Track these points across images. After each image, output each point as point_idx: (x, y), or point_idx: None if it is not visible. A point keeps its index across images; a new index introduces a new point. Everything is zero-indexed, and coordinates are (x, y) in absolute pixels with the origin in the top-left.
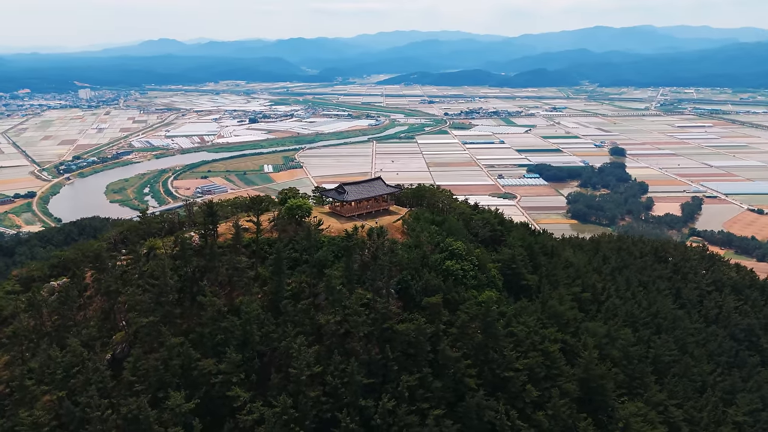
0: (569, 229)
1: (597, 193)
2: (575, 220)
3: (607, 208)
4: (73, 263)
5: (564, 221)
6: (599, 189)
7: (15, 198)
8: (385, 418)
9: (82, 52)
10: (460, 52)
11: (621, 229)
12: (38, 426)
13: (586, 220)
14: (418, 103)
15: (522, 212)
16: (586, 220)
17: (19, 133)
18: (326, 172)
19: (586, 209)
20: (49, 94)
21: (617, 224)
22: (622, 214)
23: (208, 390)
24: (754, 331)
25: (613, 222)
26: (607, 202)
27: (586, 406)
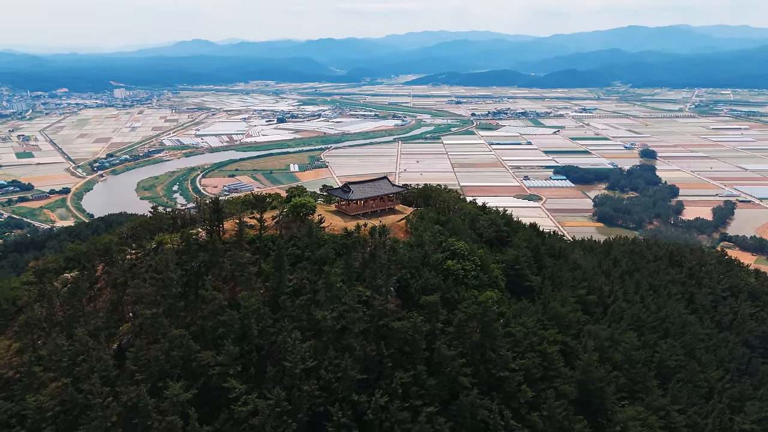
0: (595, 232)
1: (625, 196)
2: (601, 223)
3: (635, 212)
4: (84, 256)
5: (589, 224)
6: (627, 192)
7: (50, 194)
8: (378, 414)
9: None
10: (490, 52)
11: (648, 232)
12: (42, 410)
13: (612, 224)
14: (446, 103)
15: (547, 214)
16: (613, 223)
17: (57, 131)
18: (351, 171)
19: (613, 212)
20: (86, 94)
21: (645, 228)
22: (650, 217)
23: (206, 381)
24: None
25: (640, 225)
26: (634, 205)
27: (585, 408)
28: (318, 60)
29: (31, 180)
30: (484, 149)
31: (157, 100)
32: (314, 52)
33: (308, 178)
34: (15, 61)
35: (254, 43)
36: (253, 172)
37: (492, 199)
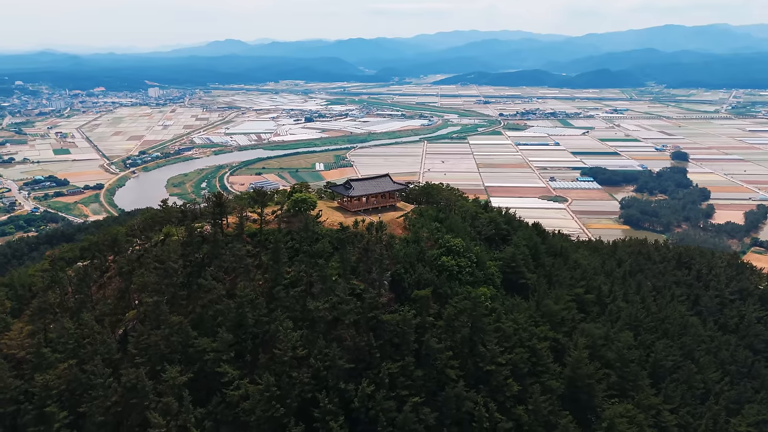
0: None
1: (653, 199)
2: (627, 226)
3: (663, 215)
4: (96, 246)
5: (615, 226)
6: (656, 194)
7: (85, 189)
8: (364, 402)
9: (154, 53)
10: (520, 52)
11: (676, 236)
12: (48, 388)
13: (639, 226)
14: (474, 103)
15: (571, 216)
16: (639, 226)
17: (93, 129)
18: (375, 171)
19: (640, 215)
20: (122, 93)
21: (672, 231)
22: (679, 220)
23: (202, 366)
24: None
25: (668, 229)
26: (663, 208)
27: (574, 404)
28: (347, 60)
29: (67, 176)
30: (510, 150)
31: (189, 99)
32: (344, 52)
33: (333, 177)
34: (55, 60)
35: (285, 43)
36: (279, 171)
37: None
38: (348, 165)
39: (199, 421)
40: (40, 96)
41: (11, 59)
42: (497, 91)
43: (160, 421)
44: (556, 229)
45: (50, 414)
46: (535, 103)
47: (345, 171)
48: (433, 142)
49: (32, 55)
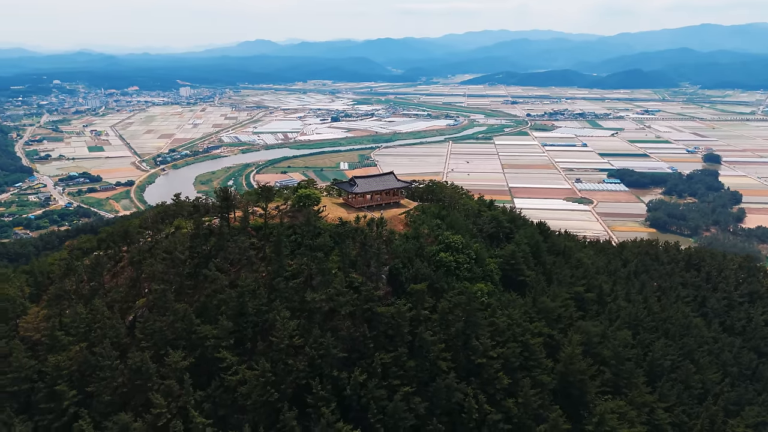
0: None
1: (682, 202)
2: (654, 229)
3: (691, 218)
4: (110, 237)
5: (641, 229)
6: (685, 197)
7: (116, 186)
8: (356, 390)
9: (187, 53)
10: (551, 52)
11: (704, 240)
12: (59, 369)
13: (665, 230)
14: (501, 103)
15: (596, 218)
16: (666, 229)
17: (126, 127)
18: (399, 171)
19: (667, 218)
20: (154, 92)
21: (700, 235)
22: (708, 224)
23: (203, 352)
24: None
25: (695, 232)
26: (691, 211)
27: (566, 400)
28: (375, 60)
29: (100, 172)
30: (536, 150)
31: (219, 99)
32: (372, 52)
33: None
34: (92, 60)
35: (314, 43)
36: (304, 169)
37: (540, 202)
38: (372, 164)
39: (199, 403)
40: (77, 95)
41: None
42: (525, 92)
43: (162, 402)
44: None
45: (60, 392)
46: (563, 104)
47: (369, 170)
48: (458, 142)
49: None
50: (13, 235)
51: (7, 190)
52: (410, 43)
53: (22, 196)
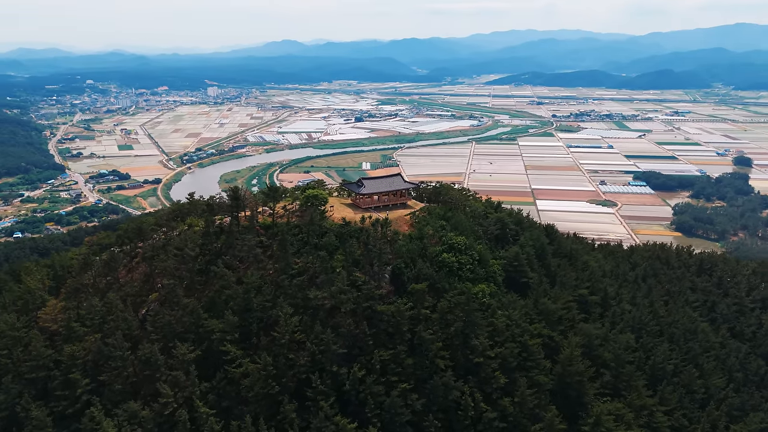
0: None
1: (709, 205)
2: (679, 233)
3: (718, 222)
4: (126, 234)
5: (666, 233)
6: (713, 201)
7: (144, 183)
8: (355, 385)
9: (215, 53)
10: (579, 52)
11: (731, 245)
12: (74, 358)
13: (691, 234)
14: (526, 104)
15: (620, 221)
16: (692, 233)
17: (154, 126)
18: (420, 171)
19: (693, 222)
20: (183, 92)
21: (727, 240)
22: (736, 229)
23: (209, 345)
24: None
25: (723, 237)
26: (719, 215)
27: (564, 401)
28: (400, 60)
29: (128, 170)
30: (561, 152)
31: (245, 98)
32: (397, 52)
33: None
34: (124, 60)
35: (340, 44)
36: (327, 169)
37: (562, 204)
38: (394, 164)
39: (204, 394)
40: (109, 94)
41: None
42: (552, 92)
43: (168, 392)
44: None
45: (74, 380)
46: (590, 105)
47: (390, 170)
48: (482, 143)
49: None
50: (44, 230)
51: (40, 186)
52: (436, 43)
53: (54, 193)
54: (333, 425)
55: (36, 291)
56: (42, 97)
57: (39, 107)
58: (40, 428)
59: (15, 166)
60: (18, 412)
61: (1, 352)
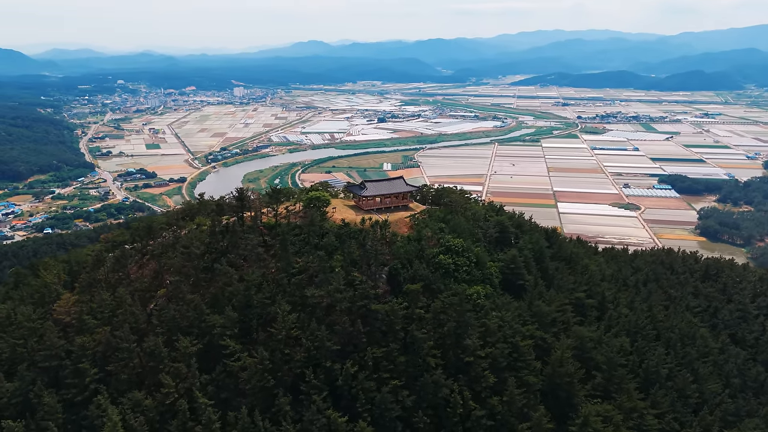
0: (695, 246)
1: (736, 210)
2: (703, 238)
3: (744, 227)
4: (137, 232)
5: (689, 238)
6: (740, 205)
7: (169, 182)
8: (348, 381)
9: (242, 54)
10: (607, 52)
11: (757, 250)
12: (84, 348)
13: (716, 239)
14: (551, 105)
15: (643, 225)
16: (717, 238)
17: (181, 126)
18: (441, 172)
19: (718, 226)
20: (210, 92)
21: (753, 245)
22: (762, 234)
23: (210, 339)
24: None
25: (748, 242)
26: (745, 220)
27: (554, 401)
28: (425, 60)
29: (155, 169)
30: (585, 154)
31: (270, 99)
32: (422, 53)
33: None
34: (153, 61)
35: (365, 44)
36: (348, 170)
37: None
38: (415, 165)
39: (204, 385)
40: (138, 94)
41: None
42: (578, 93)
43: (170, 383)
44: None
45: (84, 370)
46: (617, 106)
47: (411, 171)
48: (504, 144)
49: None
50: (73, 226)
51: (70, 184)
52: (462, 44)
53: (83, 190)
54: (324, 418)
55: (52, 285)
56: (75, 97)
57: (72, 106)
58: (51, 414)
59: (47, 163)
60: (31, 398)
61: (17, 342)
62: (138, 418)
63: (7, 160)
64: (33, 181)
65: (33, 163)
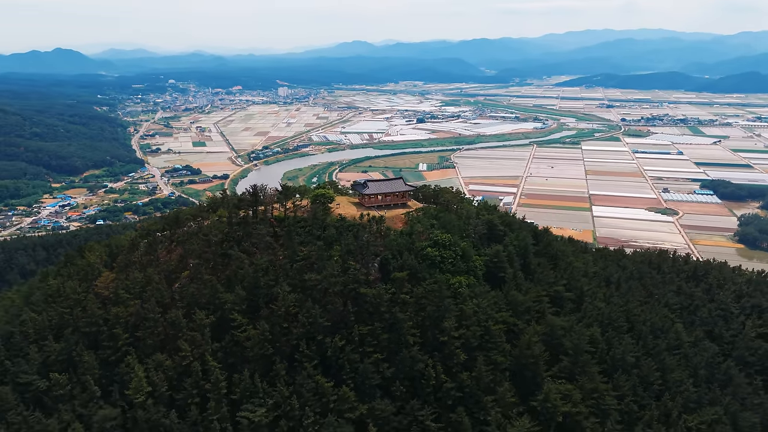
0: (733, 254)
1: None
2: (741, 245)
3: None
4: (167, 222)
5: (727, 244)
6: None
7: (213, 178)
8: (336, 353)
9: (288, 54)
10: (659, 52)
11: None
12: (118, 317)
13: (755, 246)
14: (596, 107)
15: (678, 230)
16: (756, 245)
17: (227, 124)
18: (476, 173)
19: (758, 233)
20: (255, 91)
21: None
22: None
23: (222, 314)
24: None
25: None
26: None
27: (521, 379)
28: (469, 60)
29: (200, 166)
30: (625, 157)
31: (313, 99)
32: (466, 53)
33: (434, 178)
34: (202, 61)
35: (409, 44)
36: (384, 169)
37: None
38: (451, 166)
39: (214, 352)
40: (188, 93)
41: (168, 60)
42: (625, 95)
43: (187, 348)
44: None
45: (117, 335)
46: (664, 108)
47: (446, 172)
48: (543, 146)
49: (185, 56)
50: (122, 218)
51: (122, 179)
52: (507, 44)
53: (133, 185)
54: (313, 383)
55: (95, 265)
56: (128, 96)
57: (125, 105)
58: (90, 369)
59: (101, 159)
60: (74, 357)
61: (64, 311)
62: (159, 375)
63: (65, 155)
64: (88, 175)
65: (88, 158)
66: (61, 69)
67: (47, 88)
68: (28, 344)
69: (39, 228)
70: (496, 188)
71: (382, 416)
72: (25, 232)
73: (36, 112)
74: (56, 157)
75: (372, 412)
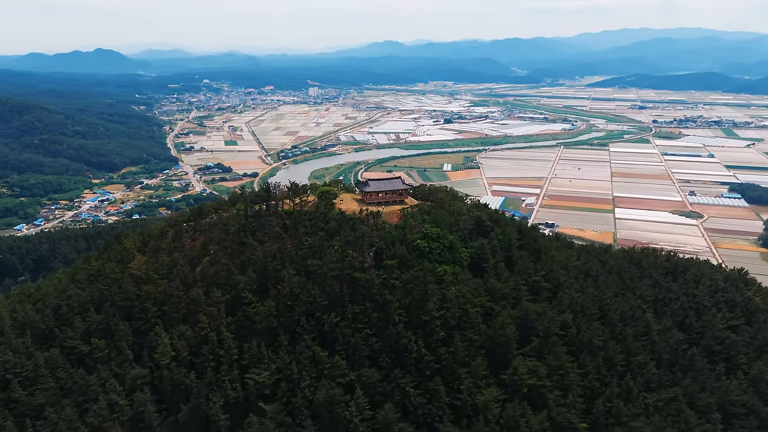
0: (757, 257)
1: None
2: (765, 249)
3: None
4: (192, 213)
5: (750, 248)
6: None
7: (243, 176)
8: (331, 328)
9: (319, 54)
10: (697, 52)
11: None
12: (149, 294)
13: None
14: (627, 108)
15: (702, 233)
16: None
17: (258, 124)
18: (501, 174)
19: None
20: (286, 91)
21: None
22: None
23: (236, 293)
24: (736, 347)
25: None
26: None
27: (494, 357)
28: (500, 60)
29: (231, 164)
30: (653, 159)
31: (342, 99)
32: (498, 53)
33: (458, 178)
34: (236, 61)
35: (440, 44)
36: (408, 169)
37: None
38: (475, 167)
39: (228, 325)
40: (221, 93)
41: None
42: (658, 96)
43: (206, 321)
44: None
45: (147, 308)
46: (699, 110)
47: (471, 173)
48: (570, 148)
49: (219, 56)
50: (157, 213)
51: (157, 176)
52: (539, 43)
53: (167, 182)
54: (311, 352)
55: (130, 249)
56: (165, 95)
57: (162, 104)
58: (124, 337)
59: (138, 157)
60: (111, 326)
61: (104, 288)
62: (182, 343)
63: (105, 152)
64: (125, 172)
65: (126, 155)
66: (102, 69)
67: (88, 87)
68: (73, 315)
69: (80, 221)
70: (519, 189)
71: (369, 382)
72: (67, 224)
73: (78, 110)
74: (96, 155)
75: (360, 378)
